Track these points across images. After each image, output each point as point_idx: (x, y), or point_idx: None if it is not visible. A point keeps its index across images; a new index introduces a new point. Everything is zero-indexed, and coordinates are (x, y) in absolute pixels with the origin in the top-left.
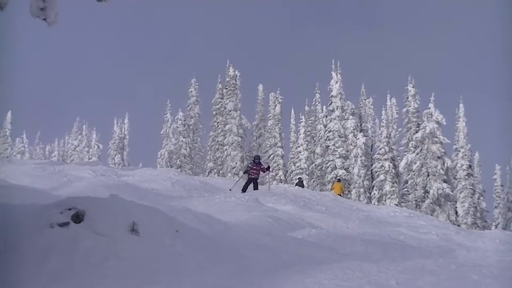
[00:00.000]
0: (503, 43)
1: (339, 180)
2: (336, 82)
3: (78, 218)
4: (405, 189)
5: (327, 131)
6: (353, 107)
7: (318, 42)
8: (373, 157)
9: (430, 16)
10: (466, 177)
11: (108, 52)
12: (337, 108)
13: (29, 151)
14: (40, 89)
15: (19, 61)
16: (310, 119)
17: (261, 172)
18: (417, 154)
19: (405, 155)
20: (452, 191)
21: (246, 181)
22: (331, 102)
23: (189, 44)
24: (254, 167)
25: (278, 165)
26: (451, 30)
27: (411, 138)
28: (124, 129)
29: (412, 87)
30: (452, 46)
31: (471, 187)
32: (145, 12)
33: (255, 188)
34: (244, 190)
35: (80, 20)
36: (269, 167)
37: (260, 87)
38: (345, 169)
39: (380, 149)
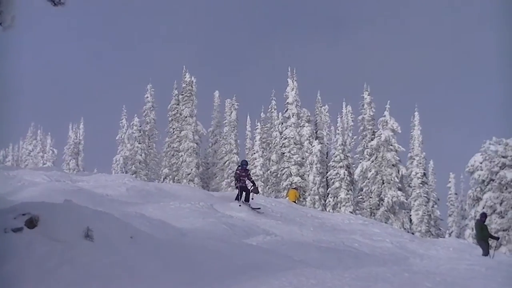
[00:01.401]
0: (458, 52)
1: (295, 188)
2: (292, 89)
3: (32, 223)
4: (360, 197)
5: (282, 138)
6: (309, 114)
7: (275, 49)
8: (328, 164)
9: (386, 25)
10: (421, 185)
11: (64, 57)
12: (293, 115)
13: None
14: None
15: None
16: (266, 126)
17: (248, 181)
18: (372, 161)
19: (360, 162)
20: (406, 199)
21: (238, 190)
22: (287, 109)
23: (145, 50)
24: (243, 174)
25: (233, 171)
26: (407, 39)
27: (366, 146)
28: (79, 134)
29: (368, 95)
30: (407, 55)
31: (425, 195)
32: (103, 15)
33: (247, 198)
34: (237, 199)
35: (37, 24)
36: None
37: (216, 93)
38: (300, 176)
39: (336, 156)
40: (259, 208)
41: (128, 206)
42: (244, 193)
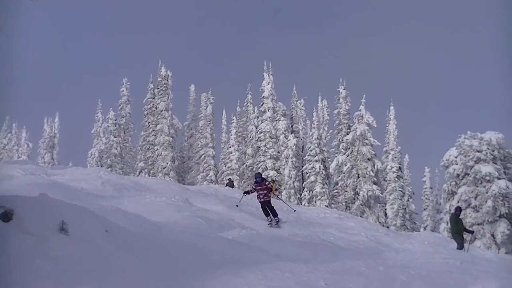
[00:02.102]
0: (433, 46)
1: (272, 181)
2: (268, 83)
3: (6, 217)
4: (336, 191)
5: (258, 132)
6: (285, 108)
7: (251, 43)
8: (304, 158)
9: (362, 19)
10: (396, 179)
11: (39, 50)
12: (268, 109)
13: None
14: None
15: None
16: (242, 120)
17: (270, 192)
18: (348, 155)
19: (336, 156)
20: (382, 193)
21: (262, 209)
22: (263, 103)
23: (121, 43)
24: (259, 188)
25: (209, 165)
26: (383, 33)
27: (342, 140)
28: (55, 128)
29: (344, 89)
30: (383, 49)
31: (400, 189)
32: (77, 9)
33: (272, 213)
34: (267, 215)
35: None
36: (273, 181)
37: (192, 87)
38: (276, 170)
39: (311, 150)
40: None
41: (103, 200)
42: (265, 209)
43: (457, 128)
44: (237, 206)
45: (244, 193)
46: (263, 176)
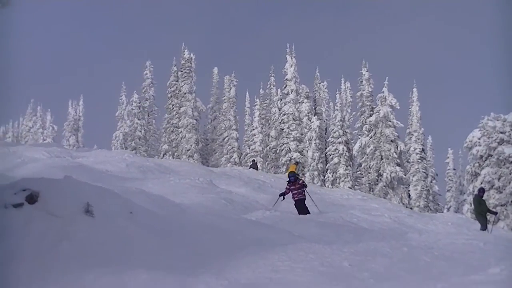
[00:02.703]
0: (457, 27)
1: (295, 163)
2: (291, 66)
3: (32, 199)
4: (359, 172)
5: (281, 114)
6: (308, 90)
7: (274, 26)
8: (327, 140)
9: (386, 4)
10: (419, 160)
11: (63, 34)
12: (291, 92)
13: None
14: None
15: None
16: (265, 102)
17: (305, 190)
18: (371, 137)
19: (359, 138)
20: (405, 175)
21: (296, 207)
22: (286, 86)
23: (144, 26)
24: (293, 187)
25: (232, 147)
26: (406, 16)
27: (365, 122)
28: (79, 110)
29: (366, 71)
30: (406, 31)
31: (423, 170)
32: None
33: (304, 211)
34: (300, 214)
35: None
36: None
37: (215, 70)
38: (299, 152)
39: (334, 132)
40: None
41: (127, 182)
42: (300, 208)
43: (480, 109)
44: (273, 206)
45: (280, 196)
46: (296, 175)
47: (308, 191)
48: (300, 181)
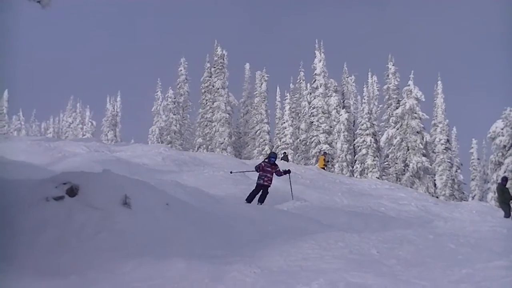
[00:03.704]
0: (480, 20)
1: (323, 154)
2: (320, 61)
3: (72, 192)
4: (386, 163)
5: (311, 108)
6: (336, 84)
7: (303, 22)
8: (355, 132)
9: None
10: (444, 151)
11: (101, 32)
12: (320, 86)
13: (25, 128)
14: (35, 69)
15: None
16: (295, 96)
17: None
18: (397, 129)
19: (386, 130)
20: (430, 165)
21: (254, 187)
22: (315, 80)
23: (178, 24)
24: (268, 169)
25: (264, 140)
26: (430, 10)
27: (392, 114)
28: (117, 106)
29: (392, 65)
30: (430, 25)
31: (449, 160)
32: None
33: (262, 199)
34: (249, 200)
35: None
36: (289, 171)
37: (247, 65)
38: (328, 144)
39: (362, 124)
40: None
41: (163, 175)
42: (260, 194)
43: (503, 100)
44: (231, 172)
45: (255, 169)
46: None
47: (291, 176)
48: (277, 169)
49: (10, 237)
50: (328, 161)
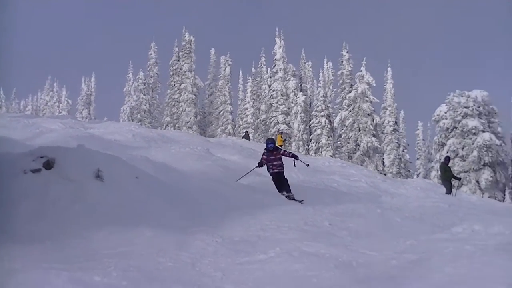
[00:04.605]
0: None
1: (280, 133)
2: (280, 47)
3: (49, 165)
4: (339, 142)
5: (271, 91)
6: (294, 69)
7: (264, 10)
8: (311, 114)
9: None
10: (392, 132)
11: (74, 18)
12: (280, 70)
13: (5, 105)
14: (15, 48)
15: None
16: (256, 79)
17: (281, 161)
18: (350, 111)
19: (339, 112)
20: (380, 144)
21: (274, 183)
22: (275, 65)
23: (150, 11)
24: (272, 158)
25: (227, 120)
26: (382, 2)
27: (345, 97)
28: (91, 86)
29: (346, 52)
30: (383, 14)
31: (396, 141)
32: None
33: (287, 188)
34: (281, 191)
35: None
36: (296, 157)
37: (212, 50)
38: (286, 124)
39: (318, 106)
40: (302, 200)
41: (134, 150)
42: (279, 182)
43: (447, 86)
44: (236, 181)
45: (258, 165)
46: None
47: (302, 160)
48: (281, 151)
49: None
50: (285, 140)
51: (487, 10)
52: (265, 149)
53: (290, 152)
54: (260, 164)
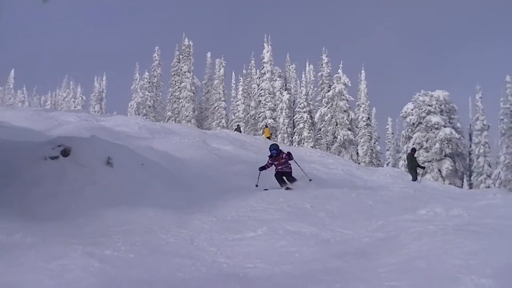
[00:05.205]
0: (399, 17)
1: (266, 126)
2: (267, 52)
3: (65, 153)
4: (319, 135)
5: (259, 89)
6: (280, 71)
7: (255, 19)
8: (295, 110)
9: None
10: (366, 126)
11: (90, 21)
12: (267, 72)
13: (28, 100)
14: (37, 51)
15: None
16: (247, 79)
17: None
18: (328, 108)
19: (319, 108)
20: (354, 137)
21: (276, 178)
22: (263, 67)
23: (154, 18)
24: (276, 163)
25: (221, 114)
26: (359, 10)
27: (324, 96)
28: (103, 84)
29: (326, 57)
30: (359, 21)
31: (369, 134)
32: None
33: (290, 179)
34: (282, 184)
35: None
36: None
37: (209, 54)
38: (273, 119)
39: (300, 104)
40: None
41: (140, 141)
42: (284, 178)
43: (414, 87)
44: (256, 186)
45: (260, 170)
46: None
47: (296, 161)
48: (284, 154)
49: (13, 187)
50: (272, 133)
51: (455, 14)
52: (269, 156)
53: (291, 154)
54: (263, 168)
